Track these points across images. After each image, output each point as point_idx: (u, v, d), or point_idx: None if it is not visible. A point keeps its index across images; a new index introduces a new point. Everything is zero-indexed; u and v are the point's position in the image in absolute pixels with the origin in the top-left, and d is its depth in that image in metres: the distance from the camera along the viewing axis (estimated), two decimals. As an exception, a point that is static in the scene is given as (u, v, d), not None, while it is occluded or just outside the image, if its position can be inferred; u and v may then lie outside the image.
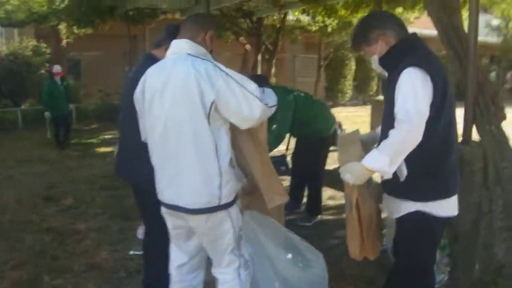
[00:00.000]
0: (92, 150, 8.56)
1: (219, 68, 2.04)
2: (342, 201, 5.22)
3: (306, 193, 4.60)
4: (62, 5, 9.81)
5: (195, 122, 2.02)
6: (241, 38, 12.81)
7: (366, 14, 2.43)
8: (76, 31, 10.80)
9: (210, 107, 2.00)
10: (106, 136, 9.85)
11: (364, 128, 8.75)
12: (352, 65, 17.78)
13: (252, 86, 2.09)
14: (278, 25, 11.21)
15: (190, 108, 2.01)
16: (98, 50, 13.04)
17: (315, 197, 4.42)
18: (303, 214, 4.50)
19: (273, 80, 13.99)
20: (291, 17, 11.56)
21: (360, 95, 18.89)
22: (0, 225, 4.36)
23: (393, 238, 2.85)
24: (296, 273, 2.73)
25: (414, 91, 2.02)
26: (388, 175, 2.10)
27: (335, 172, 2.41)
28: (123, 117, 2.76)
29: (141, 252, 3.14)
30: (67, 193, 5.51)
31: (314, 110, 4.13)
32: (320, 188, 4.45)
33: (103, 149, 8.54)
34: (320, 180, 4.40)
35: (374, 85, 18.59)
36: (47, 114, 8.45)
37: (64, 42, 12.05)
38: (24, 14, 10.85)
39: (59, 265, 3.50)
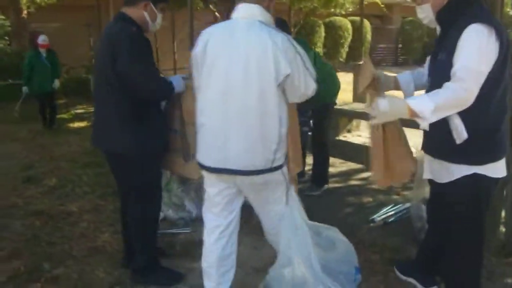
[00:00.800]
0: (65, 125, 7.99)
1: (291, 43, 2.07)
2: (343, 168, 5.12)
3: (311, 162, 4.41)
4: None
5: (266, 90, 2.03)
6: (211, 6, 12.34)
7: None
8: (37, 0, 9.96)
9: (283, 80, 2.03)
10: (77, 111, 9.28)
11: (348, 96, 8.62)
12: (322, 31, 17.53)
13: (311, 67, 2.15)
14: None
15: (262, 76, 2.02)
16: (60, 22, 12.22)
17: (322, 166, 4.23)
18: (309, 184, 4.31)
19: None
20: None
21: (330, 62, 18.73)
22: (-20, 211, 3.97)
23: (428, 204, 2.71)
24: (322, 255, 2.56)
25: (479, 49, 1.92)
26: (423, 125, 2.00)
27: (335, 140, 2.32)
28: (96, 82, 2.68)
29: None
30: (48, 172, 5.10)
31: (325, 71, 3.91)
32: (327, 156, 4.27)
33: (76, 124, 8.03)
34: (327, 148, 4.21)
35: (343, 52, 18.43)
36: (24, 88, 7.49)
37: (24, 13, 11.16)
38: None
39: (57, 252, 3.18)
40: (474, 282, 2.32)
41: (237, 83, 2.05)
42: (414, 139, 2.77)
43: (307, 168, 4.56)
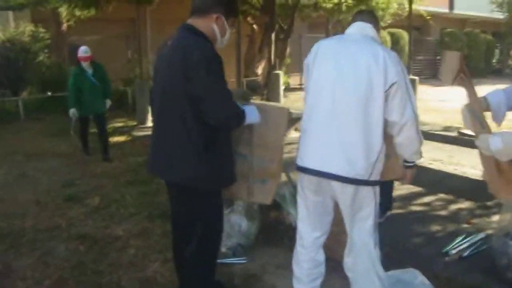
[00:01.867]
0: (105, 140, 7.87)
1: (400, 62, 2.12)
2: (403, 192, 4.72)
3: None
4: (62, -14, 9.07)
5: (373, 97, 2.05)
6: (249, 18, 12.17)
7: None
8: (77, 13, 9.99)
9: (389, 88, 2.04)
10: (116, 125, 9.15)
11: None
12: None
13: (413, 95, 2.16)
14: (291, 2, 10.59)
15: (371, 82, 2.04)
16: (99, 35, 12.27)
17: (387, 189, 3.87)
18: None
19: (287, 60, 13.38)
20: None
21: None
22: (22, 234, 3.76)
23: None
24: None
25: None
26: None
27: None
28: (159, 103, 2.32)
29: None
30: (91, 191, 4.91)
31: None
32: (393, 181, 3.90)
33: (116, 139, 7.86)
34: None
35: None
36: (72, 111, 6.14)
37: (64, 26, 11.23)
38: (21, -3, 10.08)
39: (105, 283, 2.93)
40: None
41: (346, 90, 2.08)
42: None
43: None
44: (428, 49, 20.84)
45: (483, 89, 2.50)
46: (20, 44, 10.66)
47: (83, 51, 6.16)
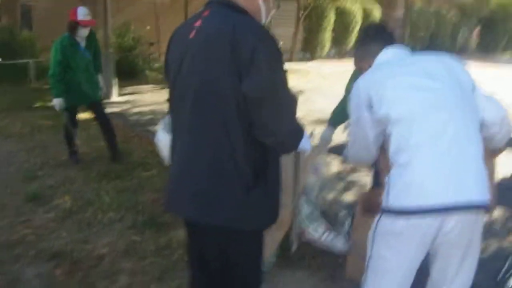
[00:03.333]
0: (61, 117, 6.87)
1: None
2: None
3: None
4: None
5: (470, 103, 1.76)
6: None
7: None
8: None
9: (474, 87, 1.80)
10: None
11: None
12: (332, 16, 16.54)
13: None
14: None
15: (464, 85, 1.78)
16: (51, -3, 10.99)
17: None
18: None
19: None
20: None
21: (337, 48, 17.85)
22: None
23: None
24: None
25: None
26: None
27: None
28: (191, 108, 1.60)
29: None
30: (57, 186, 4.12)
31: None
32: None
33: (80, 116, 6.93)
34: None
35: (352, 38, 17.48)
36: (58, 102, 4.40)
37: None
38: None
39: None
40: None
41: (449, 101, 1.72)
42: None
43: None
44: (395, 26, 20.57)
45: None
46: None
47: (84, 12, 4.36)
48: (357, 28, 17.21)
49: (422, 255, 1.72)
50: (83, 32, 4.41)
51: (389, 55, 1.96)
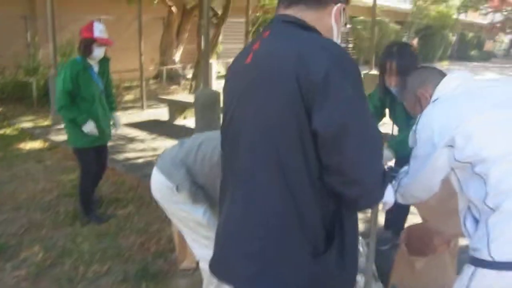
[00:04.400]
0: (15, 148, 6.19)
1: None
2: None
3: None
4: None
5: None
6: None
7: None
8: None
9: None
10: (24, 125, 7.40)
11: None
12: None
13: None
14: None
15: None
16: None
17: (402, 210, 3.18)
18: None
19: (220, 48, 12.27)
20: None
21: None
22: None
23: None
24: None
25: None
26: None
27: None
28: (250, 147, 1.30)
29: None
30: (23, 234, 3.56)
31: None
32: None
33: (29, 145, 6.25)
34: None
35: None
36: (89, 126, 3.59)
37: None
38: None
39: None
40: None
41: None
42: None
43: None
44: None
45: None
46: None
47: (101, 28, 3.57)
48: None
49: None
50: (99, 53, 3.59)
51: (457, 82, 1.73)
